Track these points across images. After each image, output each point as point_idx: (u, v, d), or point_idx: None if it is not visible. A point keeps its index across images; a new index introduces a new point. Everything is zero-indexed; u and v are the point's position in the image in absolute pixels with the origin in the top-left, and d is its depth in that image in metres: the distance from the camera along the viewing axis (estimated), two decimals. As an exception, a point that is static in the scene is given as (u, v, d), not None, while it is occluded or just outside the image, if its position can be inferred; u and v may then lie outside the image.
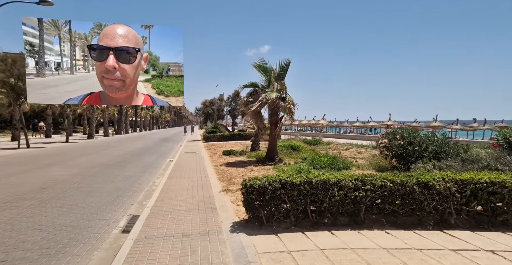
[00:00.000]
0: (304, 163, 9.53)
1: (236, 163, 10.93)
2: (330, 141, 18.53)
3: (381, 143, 6.75)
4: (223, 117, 31.71)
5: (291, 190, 3.94)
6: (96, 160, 11.95)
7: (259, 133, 11.10)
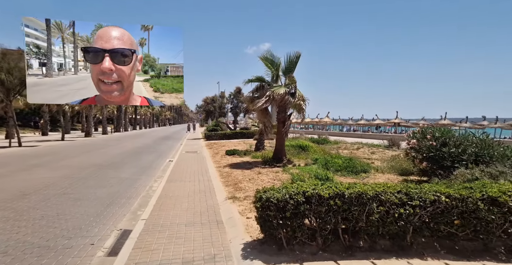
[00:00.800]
0: (316, 165, 8.72)
1: (241, 164, 10.13)
2: (337, 139, 17.71)
3: (408, 143, 5.94)
4: (224, 115, 30.87)
5: (319, 205, 3.14)
6: (90, 160, 11.16)
7: (264, 132, 10.28)
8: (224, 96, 30.58)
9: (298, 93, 9.36)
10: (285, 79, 10.00)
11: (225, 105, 30.82)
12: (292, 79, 9.43)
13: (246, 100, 10.46)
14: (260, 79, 10.08)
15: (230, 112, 30.91)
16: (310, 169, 7.98)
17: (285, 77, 9.99)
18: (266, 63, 9.73)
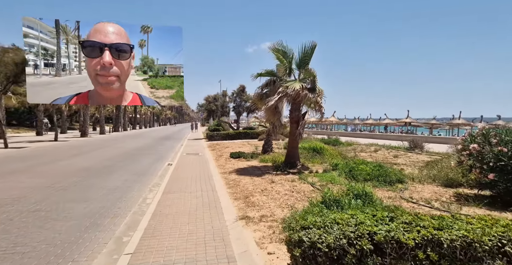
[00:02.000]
0: (337, 171, 7.52)
1: (249, 169, 8.94)
2: (348, 140, 16.48)
3: (464, 148, 4.74)
4: (227, 114, 29.69)
5: (398, 258, 1.95)
6: (79, 164, 9.99)
7: (273, 132, 9.08)
8: (227, 95, 29.39)
9: (318, 89, 8.15)
10: (299, 73, 8.80)
11: (227, 104, 29.63)
12: (309, 72, 8.22)
13: (254, 98, 9.26)
14: (270, 73, 8.88)
15: (232, 111, 29.73)
16: (332, 177, 6.78)
17: (299, 71, 8.78)
18: (278, 55, 8.53)
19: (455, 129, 27.73)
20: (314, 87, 8.14)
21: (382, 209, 3.46)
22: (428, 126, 29.18)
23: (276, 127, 8.90)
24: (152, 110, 59.49)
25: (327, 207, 3.78)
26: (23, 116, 31.94)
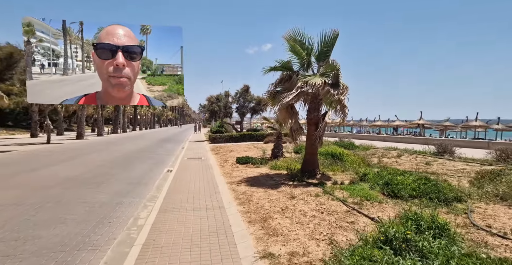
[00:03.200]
0: (367, 183, 6.28)
1: (260, 178, 7.72)
2: (363, 143, 15.21)
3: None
4: (230, 115, 28.46)
5: None
6: (64, 172, 8.78)
7: (292, 137, 7.83)
8: (230, 95, 28.18)
9: (342, 85, 6.93)
10: (318, 67, 7.59)
11: (230, 105, 28.41)
12: (331, 65, 7.00)
13: (266, 96, 8.05)
14: (286, 67, 7.67)
15: (236, 112, 28.52)
16: (364, 191, 5.55)
17: (319, 64, 7.57)
18: (294, 45, 7.31)
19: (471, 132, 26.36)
20: (337, 82, 6.92)
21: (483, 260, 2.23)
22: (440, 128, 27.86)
23: (295, 131, 7.66)
24: (152, 112, 58.40)
25: (394, 250, 2.55)
26: (19, 117, 30.88)
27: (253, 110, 27.44)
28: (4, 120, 30.85)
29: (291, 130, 7.78)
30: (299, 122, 7.93)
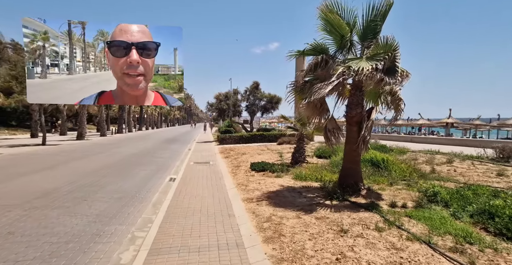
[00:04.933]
0: (441, 206, 4.47)
1: (286, 193, 6.00)
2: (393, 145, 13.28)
3: None
4: (239, 114, 26.81)
5: None
6: (42, 183, 7.22)
7: (328, 142, 6.04)
8: (239, 93, 26.51)
9: (402, 71, 5.14)
10: (362, 49, 5.80)
11: (239, 103, 26.76)
12: (384, 45, 5.20)
13: (292, 89, 6.30)
14: (319, 49, 5.89)
15: (245, 111, 26.86)
16: (447, 222, 3.77)
17: (363, 45, 5.78)
18: (332, 19, 5.53)
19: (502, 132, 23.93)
20: (393, 68, 5.11)
21: None
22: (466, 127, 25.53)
23: (331, 131, 5.88)
24: (159, 111, 57.33)
25: None
26: (22, 117, 29.99)
27: (264, 108, 25.71)
28: (7, 119, 30.04)
29: (326, 131, 6.02)
30: (335, 121, 6.15)
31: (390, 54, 4.96)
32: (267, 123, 69.61)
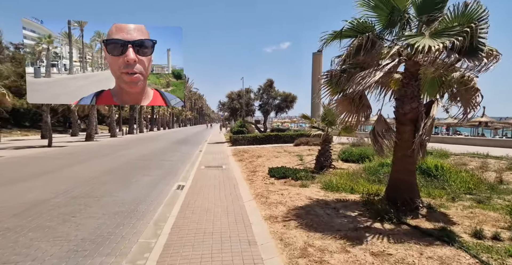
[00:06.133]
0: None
1: (318, 210, 4.76)
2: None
3: None
4: (252, 113, 25.65)
5: None
6: (30, 193, 6.27)
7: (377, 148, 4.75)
8: (252, 91, 25.35)
9: (490, 49, 3.80)
10: (420, 25, 4.48)
11: (252, 102, 25.61)
12: (460, 16, 3.88)
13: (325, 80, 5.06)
14: (361, 28, 4.61)
15: (258, 110, 25.68)
16: None
17: (420, 21, 4.46)
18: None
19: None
20: (477, 47, 3.77)
21: None
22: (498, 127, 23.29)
23: (380, 134, 4.59)
24: (171, 111, 57.09)
25: None
26: (35, 118, 30.02)
27: (278, 107, 24.45)
28: (21, 120, 30.15)
29: (375, 134, 4.73)
30: (385, 120, 4.86)
31: (471, 27, 3.62)
32: (279, 123, 68.17)
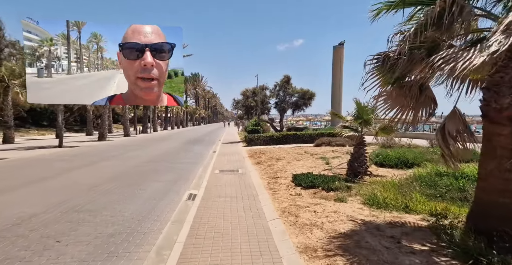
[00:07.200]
0: None
1: (369, 238, 3.55)
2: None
3: None
4: (268, 111, 24.47)
5: None
6: (18, 206, 5.44)
7: (457, 144, 3.48)
8: (267, 88, 24.14)
9: None
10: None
11: (268, 100, 24.41)
12: None
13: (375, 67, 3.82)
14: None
15: (274, 108, 24.47)
16: None
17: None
18: None
19: None
20: None
21: None
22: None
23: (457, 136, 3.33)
24: (185, 110, 56.88)
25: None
26: (52, 117, 30.26)
27: (295, 105, 23.14)
28: (38, 119, 30.52)
29: (445, 134, 3.46)
30: (462, 117, 3.57)
31: None
32: (293, 121, 66.49)
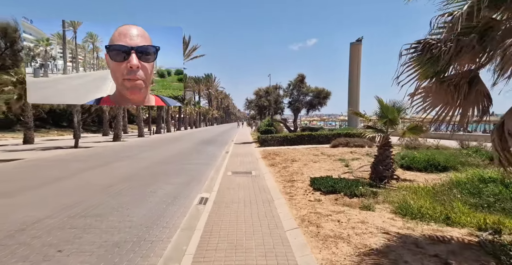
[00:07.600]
0: None
1: (407, 257, 3.01)
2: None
3: None
4: (282, 111, 23.93)
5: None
6: (25, 210, 5.27)
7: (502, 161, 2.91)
8: (281, 88, 23.59)
9: None
10: None
11: (281, 99, 23.86)
12: None
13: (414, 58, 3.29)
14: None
15: (288, 108, 23.89)
16: None
17: None
18: None
19: None
20: None
21: None
22: None
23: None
24: (198, 110, 57.22)
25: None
26: (71, 118, 31.10)
27: (310, 104, 22.46)
28: (58, 120, 31.43)
29: (504, 135, 2.89)
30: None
31: None
32: (306, 121, 65.40)
